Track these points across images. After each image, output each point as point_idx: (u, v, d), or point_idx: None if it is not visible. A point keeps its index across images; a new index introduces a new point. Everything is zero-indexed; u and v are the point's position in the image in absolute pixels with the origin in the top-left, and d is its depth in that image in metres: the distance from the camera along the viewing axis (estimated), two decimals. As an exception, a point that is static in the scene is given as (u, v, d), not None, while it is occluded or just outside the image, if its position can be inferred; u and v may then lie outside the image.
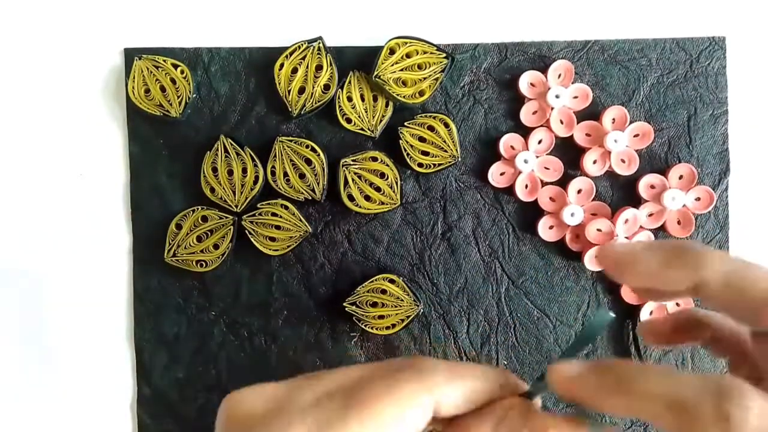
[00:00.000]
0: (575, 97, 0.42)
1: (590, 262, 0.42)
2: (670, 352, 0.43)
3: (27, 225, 0.43)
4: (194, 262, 0.41)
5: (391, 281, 0.42)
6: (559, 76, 0.42)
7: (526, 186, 0.42)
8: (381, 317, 0.41)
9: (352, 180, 0.41)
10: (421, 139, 0.42)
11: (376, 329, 0.41)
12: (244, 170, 0.42)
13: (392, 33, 0.41)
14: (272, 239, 0.42)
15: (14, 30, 0.43)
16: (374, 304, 0.41)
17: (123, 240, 0.43)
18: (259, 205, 0.42)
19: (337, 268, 0.43)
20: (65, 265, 0.43)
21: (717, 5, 0.43)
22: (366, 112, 0.42)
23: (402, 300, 0.41)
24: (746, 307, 0.22)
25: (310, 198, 0.42)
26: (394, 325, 0.41)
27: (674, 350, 0.43)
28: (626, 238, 0.42)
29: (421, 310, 0.42)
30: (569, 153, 0.43)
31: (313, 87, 0.41)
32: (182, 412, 0.43)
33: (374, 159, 0.42)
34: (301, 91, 0.42)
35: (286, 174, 0.42)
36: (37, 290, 0.43)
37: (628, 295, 0.42)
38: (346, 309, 0.41)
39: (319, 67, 0.42)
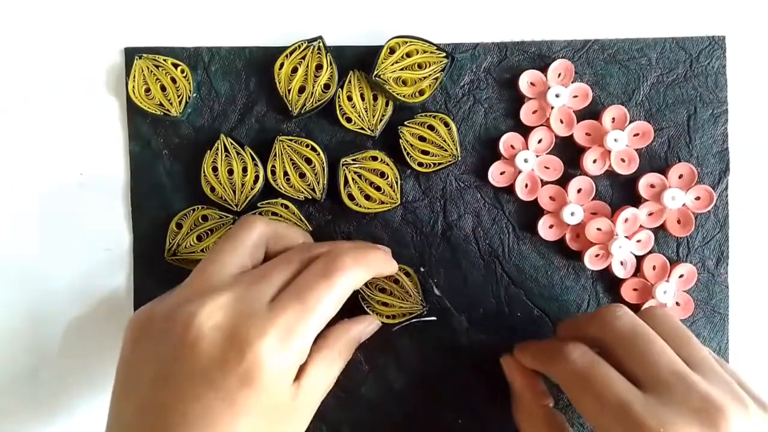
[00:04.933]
0: (575, 97, 0.42)
1: (590, 261, 0.42)
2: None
3: (27, 225, 0.43)
4: (194, 262, 0.41)
5: (407, 274, 0.42)
6: (559, 75, 0.42)
7: (526, 185, 0.43)
8: (385, 304, 0.41)
9: (352, 179, 0.41)
10: (421, 139, 0.42)
11: (377, 314, 0.41)
12: (245, 169, 0.42)
13: (392, 32, 0.41)
14: (272, 238, 0.42)
15: (14, 29, 0.43)
16: (383, 290, 0.41)
17: (123, 239, 0.43)
18: (259, 205, 0.42)
19: (337, 268, 0.43)
20: (65, 265, 0.43)
21: (717, 5, 0.44)
22: (366, 111, 0.42)
23: (410, 296, 0.41)
24: None
25: (311, 197, 0.42)
26: (395, 316, 0.41)
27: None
28: (626, 237, 0.42)
29: (425, 313, 0.42)
30: (569, 152, 0.43)
31: (313, 86, 0.41)
32: (182, 412, 0.43)
33: (374, 158, 0.42)
34: (301, 90, 0.42)
35: (286, 173, 0.42)
36: (37, 290, 0.43)
37: (628, 294, 0.42)
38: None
39: (319, 67, 0.42)
